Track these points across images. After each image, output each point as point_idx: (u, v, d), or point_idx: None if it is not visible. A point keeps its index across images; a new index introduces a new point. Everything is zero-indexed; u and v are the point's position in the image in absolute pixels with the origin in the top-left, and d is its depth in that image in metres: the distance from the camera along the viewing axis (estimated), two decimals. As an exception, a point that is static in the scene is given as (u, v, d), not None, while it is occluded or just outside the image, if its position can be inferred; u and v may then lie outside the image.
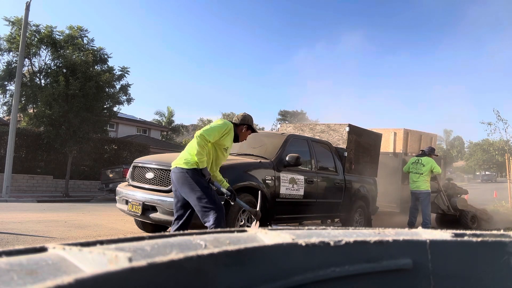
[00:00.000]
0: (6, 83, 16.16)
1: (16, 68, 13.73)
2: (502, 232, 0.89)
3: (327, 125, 7.38)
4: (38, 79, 16.16)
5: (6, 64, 15.84)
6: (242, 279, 0.59)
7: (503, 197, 14.67)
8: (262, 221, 4.89)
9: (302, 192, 5.55)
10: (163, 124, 35.90)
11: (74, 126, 14.09)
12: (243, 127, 3.98)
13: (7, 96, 16.46)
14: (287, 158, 5.19)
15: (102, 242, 0.58)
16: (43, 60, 16.34)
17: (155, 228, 5.51)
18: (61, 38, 15.97)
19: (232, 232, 0.74)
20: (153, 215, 4.54)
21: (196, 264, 0.54)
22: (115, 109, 16.86)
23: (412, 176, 7.63)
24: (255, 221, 3.90)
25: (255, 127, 4.08)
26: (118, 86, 16.39)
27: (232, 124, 3.83)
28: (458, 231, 0.87)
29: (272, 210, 5.07)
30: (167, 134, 33.59)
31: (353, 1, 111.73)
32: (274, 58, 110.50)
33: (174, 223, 3.75)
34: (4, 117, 19.23)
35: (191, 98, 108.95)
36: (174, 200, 3.78)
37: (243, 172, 4.78)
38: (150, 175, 4.84)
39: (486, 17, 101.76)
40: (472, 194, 10.49)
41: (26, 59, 15.59)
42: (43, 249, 0.55)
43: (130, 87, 16.84)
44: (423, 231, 0.86)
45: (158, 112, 38.49)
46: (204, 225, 3.48)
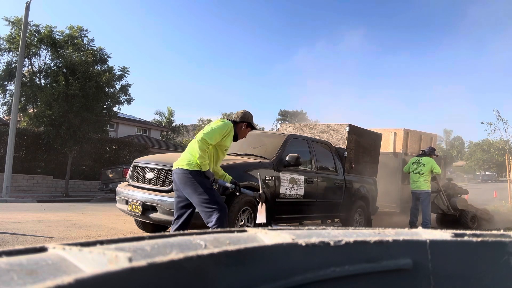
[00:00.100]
0: (6, 83, 16.18)
1: (16, 68, 13.73)
2: (502, 232, 0.89)
3: (327, 125, 7.38)
4: (38, 79, 16.17)
5: (6, 64, 15.86)
6: (242, 279, 0.59)
7: (503, 197, 14.68)
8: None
9: (302, 192, 5.54)
10: (163, 124, 35.90)
11: (74, 126, 14.09)
12: (242, 125, 3.97)
13: (7, 96, 16.51)
14: (287, 158, 5.19)
15: (102, 242, 0.58)
16: (43, 60, 16.38)
17: (155, 228, 5.51)
18: (61, 38, 15.98)
19: (232, 232, 0.74)
20: (153, 215, 4.54)
21: (196, 264, 0.54)
22: (115, 109, 16.89)
23: (413, 176, 7.63)
24: (260, 203, 4.01)
25: (254, 125, 4.07)
26: (118, 86, 16.42)
27: (232, 123, 3.82)
28: (458, 231, 0.87)
29: (272, 210, 5.07)
30: (167, 134, 33.59)
31: (353, 1, 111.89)
32: (274, 58, 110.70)
33: (174, 223, 3.77)
34: (4, 117, 19.23)
35: (191, 98, 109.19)
36: (175, 200, 3.79)
37: (243, 172, 4.78)
38: (150, 175, 4.84)
39: (487, 17, 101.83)
40: (472, 194, 10.49)
41: (26, 59, 15.60)
42: (43, 249, 0.55)
43: (130, 87, 16.88)
44: (423, 231, 0.86)
45: (158, 112, 38.56)
46: (206, 225, 3.49)
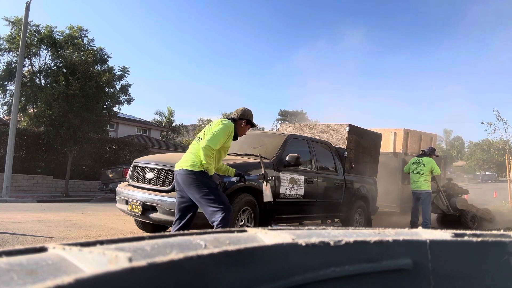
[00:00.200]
0: (6, 83, 16.18)
1: (16, 68, 13.73)
2: (502, 232, 0.89)
3: (327, 125, 7.38)
4: (38, 79, 16.17)
5: (6, 64, 15.87)
6: (242, 279, 0.59)
7: (503, 197, 14.68)
8: (262, 221, 4.92)
9: (302, 192, 5.54)
10: (163, 124, 35.90)
11: (74, 126, 14.09)
12: (242, 122, 3.94)
13: (7, 96, 16.51)
14: (287, 158, 5.19)
15: (102, 242, 0.58)
16: (43, 60, 16.38)
17: (155, 228, 5.51)
18: (61, 38, 15.98)
19: (232, 232, 0.74)
20: (153, 215, 4.54)
21: (196, 264, 0.54)
22: (115, 109, 16.88)
23: (413, 176, 7.63)
24: (264, 182, 4.18)
25: (254, 122, 4.04)
26: (118, 86, 16.41)
27: (232, 123, 3.80)
28: (458, 231, 0.87)
29: (272, 210, 5.07)
30: (167, 134, 33.59)
31: (353, 1, 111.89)
32: (274, 58, 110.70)
33: (175, 223, 3.75)
34: (4, 117, 19.23)
35: (191, 98, 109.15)
36: (177, 200, 3.77)
37: (243, 172, 4.78)
38: (150, 175, 4.84)
39: (487, 17, 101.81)
40: (472, 194, 10.48)
41: (26, 59, 15.60)
42: (43, 249, 0.55)
43: (130, 87, 16.88)
44: (423, 231, 0.86)
45: (158, 112, 38.55)
46: (211, 224, 3.49)
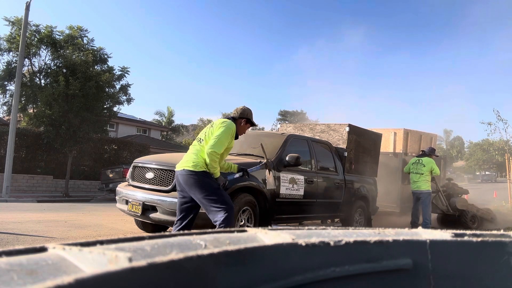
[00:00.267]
0: (6, 83, 16.18)
1: (16, 68, 13.73)
2: (502, 232, 0.89)
3: (327, 125, 7.38)
4: (38, 79, 16.17)
5: (6, 64, 15.87)
6: (242, 279, 0.59)
7: (503, 197, 14.68)
8: (262, 221, 4.92)
9: (302, 192, 5.54)
10: (163, 124, 35.90)
11: (74, 126, 14.09)
12: (242, 121, 3.93)
13: (7, 96, 16.51)
14: (287, 158, 5.19)
15: (102, 242, 0.58)
16: (43, 60, 16.38)
17: (155, 228, 5.51)
18: (61, 38, 15.98)
19: (232, 232, 0.74)
20: (153, 215, 4.54)
21: (196, 264, 0.54)
22: (115, 109, 16.88)
23: (413, 176, 7.64)
24: (267, 170, 4.24)
25: (253, 121, 4.02)
26: (118, 86, 16.41)
27: (233, 123, 3.78)
28: (458, 231, 0.87)
29: (272, 210, 5.07)
30: (167, 134, 33.59)
31: (353, 1, 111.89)
32: (274, 58, 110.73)
33: (176, 223, 3.73)
34: (4, 117, 19.23)
35: (191, 98, 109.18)
36: (178, 201, 3.76)
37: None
38: (150, 175, 4.84)
39: (487, 17, 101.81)
40: (472, 194, 10.48)
41: (26, 59, 15.60)
42: (43, 249, 0.55)
43: (130, 87, 16.88)
44: (423, 231, 0.86)
45: (158, 112, 38.55)
46: (214, 224, 3.49)
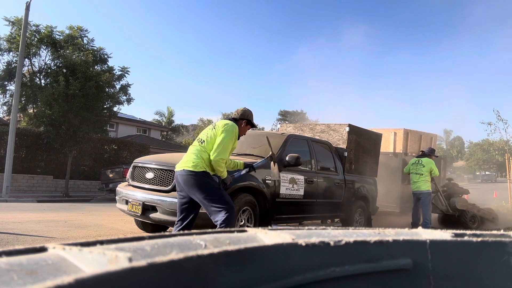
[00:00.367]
0: (6, 83, 16.18)
1: (16, 68, 13.73)
2: (502, 232, 0.89)
3: (327, 125, 7.38)
4: (38, 79, 16.17)
5: (6, 64, 15.86)
6: (242, 279, 0.59)
7: (503, 197, 14.67)
8: (262, 221, 4.92)
9: (302, 192, 5.54)
10: (163, 124, 35.90)
11: (74, 126, 14.09)
12: (242, 122, 3.94)
13: (7, 96, 16.50)
14: (287, 158, 5.18)
15: (102, 242, 0.58)
16: (43, 60, 16.38)
17: (155, 228, 5.51)
18: (61, 38, 15.98)
19: (232, 232, 0.74)
20: (153, 215, 4.54)
21: (196, 264, 0.54)
22: (115, 109, 16.88)
23: (413, 176, 7.64)
24: (272, 162, 4.30)
25: (254, 122, 4.04)
26: (118, 86, 16.41)
27: (236, 125, 3.78)
28: (458, 231, 0.87)
29: (272, 210, 5.07)
30: (167, 134, 33.59)
31: (353, 1, 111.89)
32: (274, 57, 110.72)
33: (177, 224, 3.73)
34: (4, 117, 19.23)
35: (191, 98, 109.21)
36: (178, 201, 3.76)
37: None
38: (150, 175, 4.84)
39: (487, 17, 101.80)
40: (472, 194, 10.48)
41: (26, 59, 15.60)
42: (43, 249, 0.55)
43: (130, 87, 16.88)
44: (423, 231, 0.86)
45: (158, 112, 38.54)
46: (214, 223, 3.50)
